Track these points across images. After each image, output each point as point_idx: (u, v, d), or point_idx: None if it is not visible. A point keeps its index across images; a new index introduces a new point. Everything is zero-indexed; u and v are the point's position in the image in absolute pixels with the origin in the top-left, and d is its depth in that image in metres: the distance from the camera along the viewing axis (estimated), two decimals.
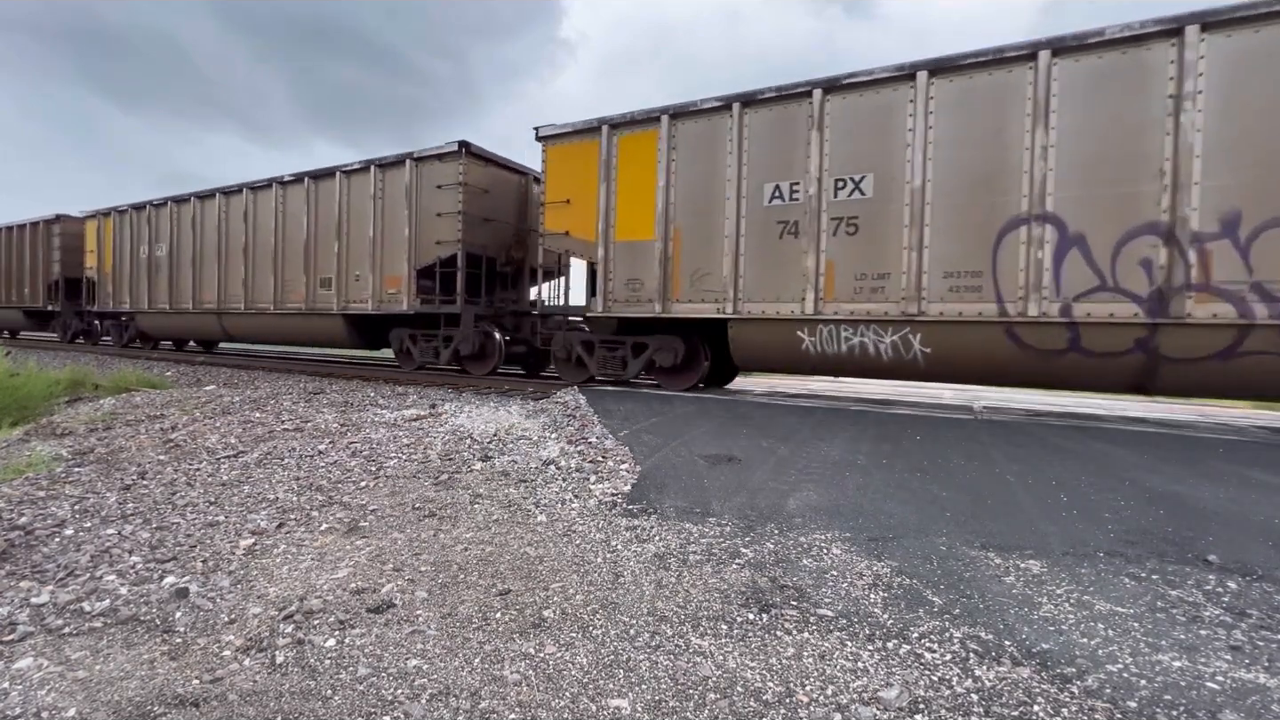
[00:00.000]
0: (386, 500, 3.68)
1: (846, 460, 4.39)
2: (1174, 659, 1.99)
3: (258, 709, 1.76)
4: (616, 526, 3.21)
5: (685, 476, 4.04)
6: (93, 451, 5.08)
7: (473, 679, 1.91)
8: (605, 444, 4.75)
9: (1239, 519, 3.25)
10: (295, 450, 4.76)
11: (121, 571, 2.76)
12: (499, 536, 3.10)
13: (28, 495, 3.81)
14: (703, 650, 2.06)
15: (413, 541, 3.04)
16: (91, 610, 2.41)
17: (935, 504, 3.51)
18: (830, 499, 3.59)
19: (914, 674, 1.92)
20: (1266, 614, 2.29)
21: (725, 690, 1.84)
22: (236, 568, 2.81)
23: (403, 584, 2.57)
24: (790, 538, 3.05)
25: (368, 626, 2.23)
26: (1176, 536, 3.02)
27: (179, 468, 4.46)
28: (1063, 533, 3.09)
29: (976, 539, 3.02)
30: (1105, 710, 1.73)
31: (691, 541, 3.00)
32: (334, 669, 1.97)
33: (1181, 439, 5.26)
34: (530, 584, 2.56)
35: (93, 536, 3.17)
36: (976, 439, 5.07)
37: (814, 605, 2.38)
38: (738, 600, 2.41)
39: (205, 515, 3.48)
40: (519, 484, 3.93)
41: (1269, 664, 1.97)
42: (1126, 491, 3.69)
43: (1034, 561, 2.76)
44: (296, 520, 3.40)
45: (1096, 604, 2.37)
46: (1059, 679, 1.88)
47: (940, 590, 2.49)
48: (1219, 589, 2.50)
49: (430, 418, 5.87)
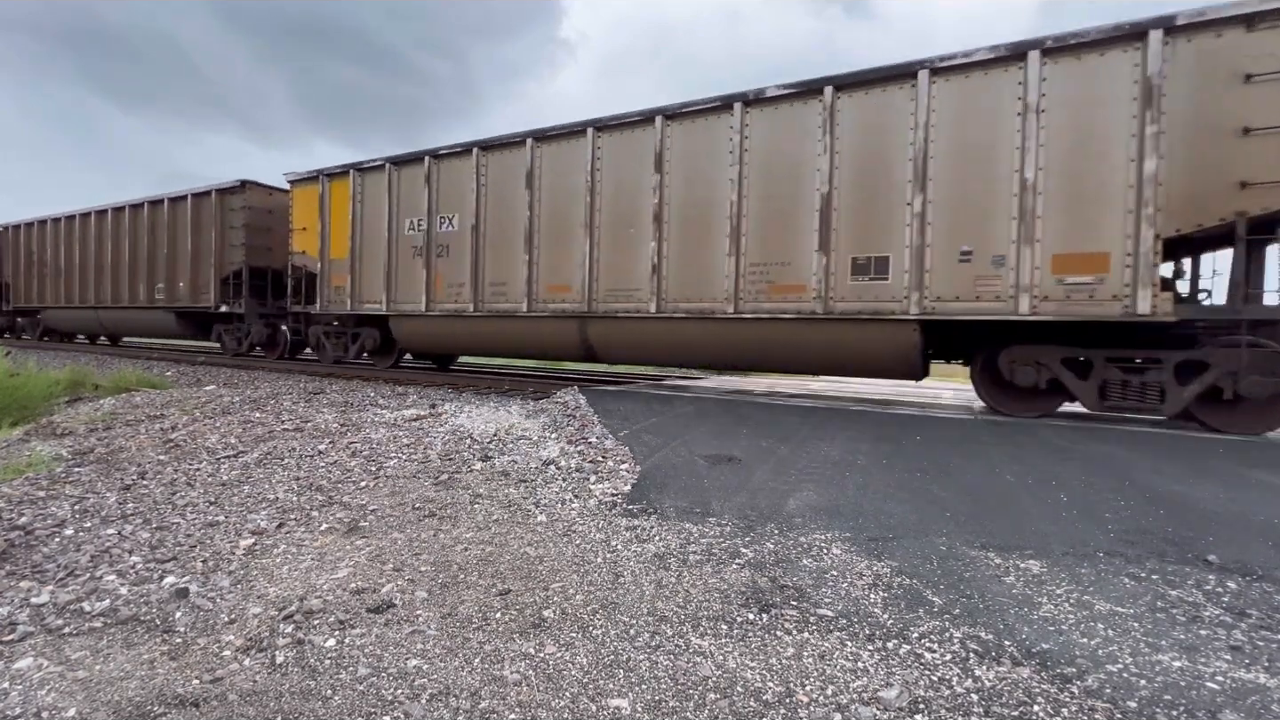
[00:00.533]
0: (386, 500, 3.68)
1: (846, 460, 4.39)
2: (1174, 659, 1.99)
3: (258, 709, 1.76)
4: (616, 526, 3.21)
5: (685, 476, 4.04)
6: (93, 451, 5.08)
7: (473, 679, 1.91)
8: (605, 444, 4.76)
9: (1239, 519, 3.25)
10: (295, 450, 4.76)
11: (121, 571, 2.76)
12: (499, 536, 3.10)
13: (28, 495, 3.81)
14: (703, 650, 2.06)
15: (413, 541, 3.04)
16: (91, 610, 2.41)
17: (935, 504, 3.51)
18: (830, 499, 3.60)
19: (914, 674, 1.92)
20: (1266, 614, 2.29)
21: (725, 690, 1.84)
22: (236, 568, 2.81)
23: (403, 584, 2.57)
24: (790, 538, 3.05)
25: (368, 626, 2.23)
26: (1176, 536, 3.02)
27: (179, 468, 4.46)
28: (1063, 533, 3.09)
29: (976, 539, 3.02)
30: (1105, 710, 1.73)
31: (691, 541, 3.00)
32: (334, 669, 1.97)
33: (1181, 439, 5.26)
34: (530, 584, 2.56)
35: (93, 536, 3.17)
36: (976, 439, 5.07)
37: (814, 605, 2.38)
38: (738, 600, 2.41)
39: (205, 515, 3.48)
40: (519, 484, 3.93)
41: (1269, 664, 1.97)
42: (1126, 491, 3.69)
43: (1034, 561, 2.76)
44: (296, 520, 3.40)
45: (1096, 604, 2.37)
46: (1059, 679, 1.88)
47: (940, 590, 2.49)
48: (1219, 589, 2.50)
49: (430, 418, 5.87)
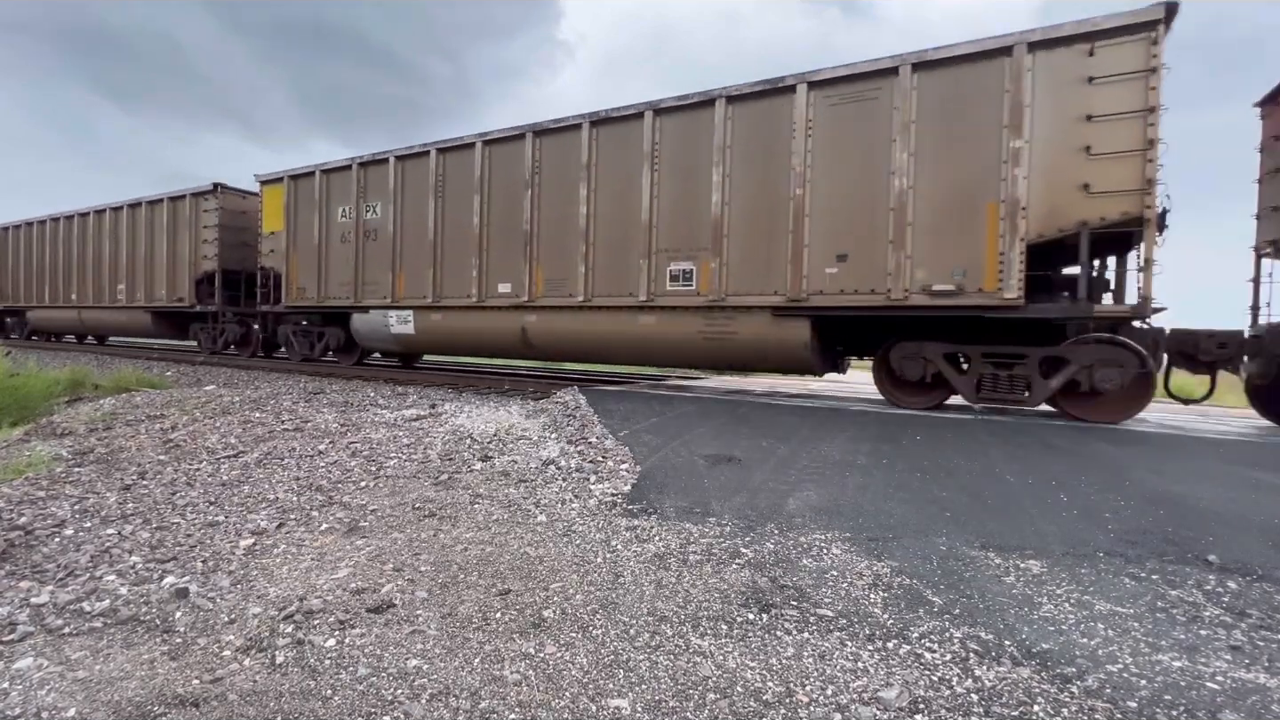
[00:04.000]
0: (386, 500, 3.67)
1: (846, 460, 4.39)
2: (1174, 659, 1.99)
3: (258, 709, 1.76)
4: (616, 526, 3.21)
5: (685, 476, 4.04)
6: (93, 451, 5.07)
7: (473, 679, 1.91)
8: (605, 444, 4.75)
9: (1239, 519, 3.25)
10: (295, 450, 4.76)
11: (121, 571, 2.75)
12: (499, 536, 3.10)
13: (28, 495, 3.81)
14: (703, 650, 2.06)
15: (413, 541, 3.04)
16: (91, 610, 2.41)
17: (935, 504, 3.51)
18: (830, 499, 3.59)
19: (914, 674, 1.92)
20: (1266, 614, 2.29)
21: (725, 690, 1.84)
22: (236, 568, 2.81)
23: (403, 584, 2.57)
24: (790, 538, 3.05)
25: (368, 626, 2.23)
26: (1176, 536, 3.02)
27: (179, 468, 4.46)
28: (1063, 533, 3.09)
29: (976, 539, 3.01)
30: (1105, 710, 1.73)
31: (691, 541, 3.00)
32: (334, 669, 1.97)
33: (1181, 439, 5.26)
34: (530, 584, 2.56)
35: (93, 536, 3.17)
36: (976, 439, 5.07)
37: (814, 605, 2.37)
38: (738, 600, 2.41)
39: (205, 515, 3.48)
40: (519, 484, 3.93)
41: (1269, 664, 1.97)
42: (1126, 491, 3.69)
43: (1034, 561, 2.76)
44: (296, 520, 3.40)
45: (1096, 604, 2.37)
46: (1059, 679, 1.88)
47: (940, 590, 2.49)
48: (1219, 589, 2.50)
49: (430, 418, 5.87)
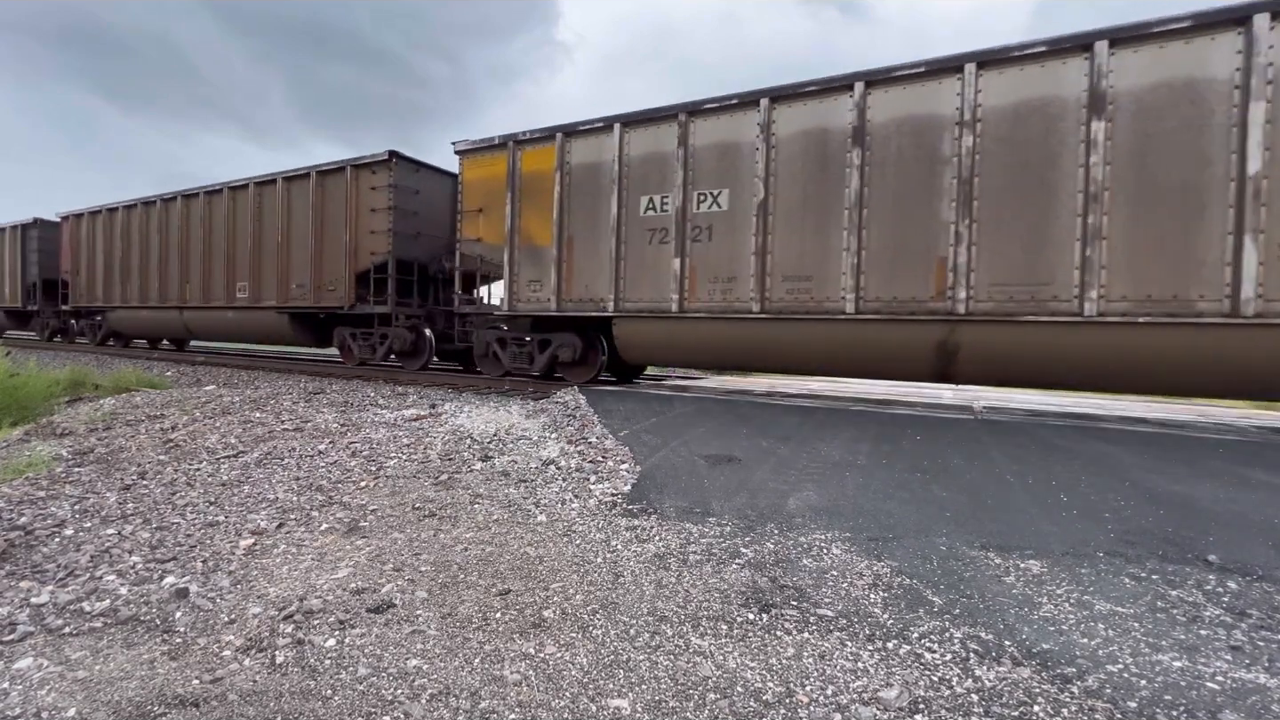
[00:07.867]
0: (386, 500, 3.67)
1: (846, 460, 4.39)
2: (1174, 659, 1.99)
3: (258, 709, 1.76)
4: (616, 526, 3.21)
5: (685, 476, 4.03)
6: (93, 451, 5.07)
7: (473, 679, 1.91)
8: (605, 444, 4.75)
9: (1239, 519, 3.25)
10: (295, 450, 4.76)
11: (121, 571, 2.75)
12: (499, 536, 3.10)
13: (28, 495, 3.81)
14: (703, 650, 2.06)
15: (413, 541, 3.04)
16: (91, 610, 2.41)
17: (935, 504, 3.51)
18: (830, 499, 3.59)
19: (914, 674, 1.92)
20: (1266, 614, 2.29)
21: (725, 690, 1.84)
22: (236, 568, 2.81)
23: (403, 584, 2.57)
24: (790, 537, 3.05)
25: (368, 626, 2.23)
26: (1176, 536, 3.02)
27: (179, 468, 4.46)
28: (1063, 533, 3.09)
29: (976, 539, 3.01)
30: (1105, 710, 1.73)
31: (691, 541, 3.00)
32: (334, 669, 1.97)
33: (1181, 439, 5.26)
34: (530, 584, 2.56)
35: (93, 536, 3.17)
36: (976, 439, 5.07)
37: (814, 605, 2.37)
38: (738, 600, 2.41)
39: (205, 515, 3.48)
40: (519, 484, 3.93)
41: (1269, 664, 1.97)
42: (1126, 491, 3.69)
43: (1034, 561, 2.76)
44: (296, 520, 3.40)
45: (1096, 604, 2.37)
46: (1059, 679, 1.88)
47: (940, 590, 2.49)
48: (1219, 589, 2.50)
49: (430, 418, 5.87)
